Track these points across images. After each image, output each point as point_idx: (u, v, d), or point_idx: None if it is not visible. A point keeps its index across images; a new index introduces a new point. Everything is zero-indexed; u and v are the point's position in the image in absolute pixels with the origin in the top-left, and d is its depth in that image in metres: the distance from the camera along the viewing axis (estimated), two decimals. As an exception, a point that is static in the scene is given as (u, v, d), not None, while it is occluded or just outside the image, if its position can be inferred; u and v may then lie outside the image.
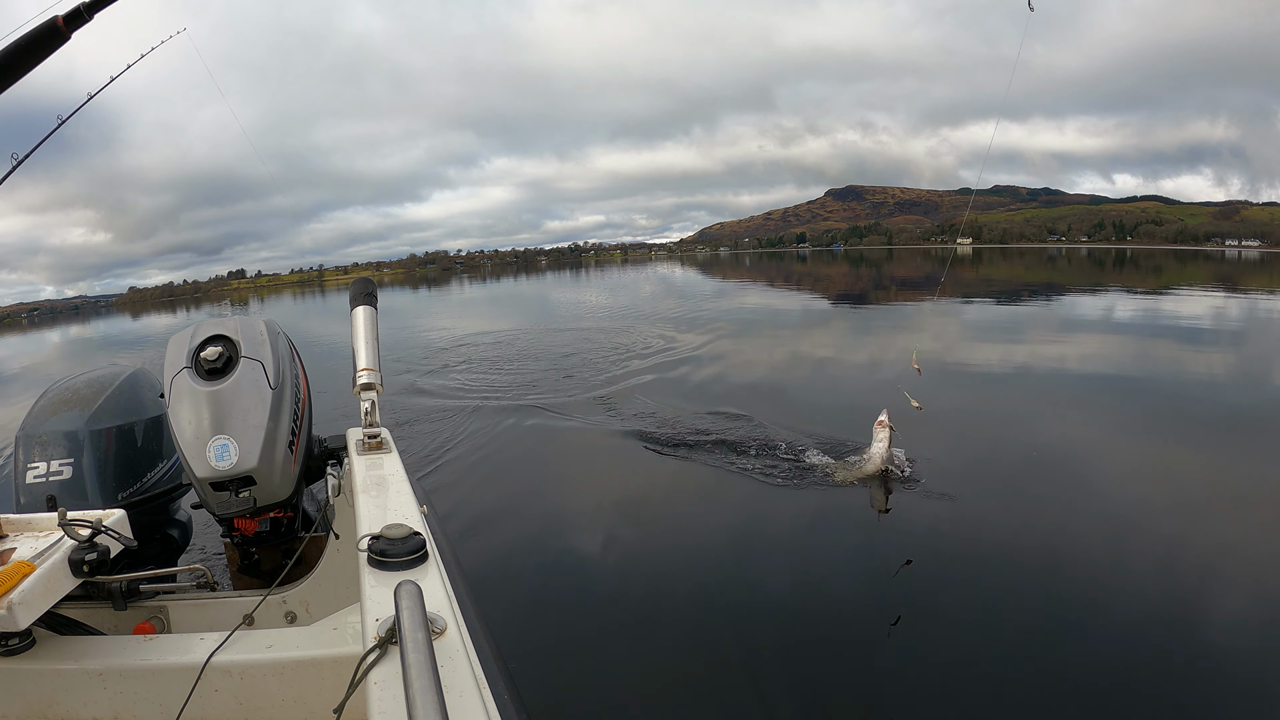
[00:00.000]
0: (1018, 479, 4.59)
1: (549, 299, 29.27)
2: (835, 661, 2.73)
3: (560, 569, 3.58)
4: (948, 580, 3.31)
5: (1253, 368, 8.57)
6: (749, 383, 8.13)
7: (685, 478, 4.79)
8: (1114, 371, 8.28)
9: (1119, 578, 3.21)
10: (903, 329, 13.70)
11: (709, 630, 2.94)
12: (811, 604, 3.13)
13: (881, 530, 3.90)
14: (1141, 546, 3.56)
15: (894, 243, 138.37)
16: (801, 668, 2.66)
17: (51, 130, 2.99)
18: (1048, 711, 2.39)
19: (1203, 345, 10.15)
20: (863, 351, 10.57)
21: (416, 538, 1.13)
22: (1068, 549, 3.53)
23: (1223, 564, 3.35)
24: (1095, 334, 11.71)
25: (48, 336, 43.19)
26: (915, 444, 4.66)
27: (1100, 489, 4.32)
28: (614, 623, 3.04)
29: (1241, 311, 15.61)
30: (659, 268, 74.19)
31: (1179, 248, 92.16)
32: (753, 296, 23.44)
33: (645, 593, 3.28)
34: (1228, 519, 3.82)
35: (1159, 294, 19.89)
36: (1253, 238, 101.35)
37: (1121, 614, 2.89)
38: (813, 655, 2.74)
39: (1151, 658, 2.64)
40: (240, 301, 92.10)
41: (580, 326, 14.96)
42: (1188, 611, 2.92)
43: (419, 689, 0.67)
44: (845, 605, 3.13)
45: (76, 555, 1.45)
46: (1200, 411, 6.26)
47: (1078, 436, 5.57)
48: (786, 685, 2.57)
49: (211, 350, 1.82)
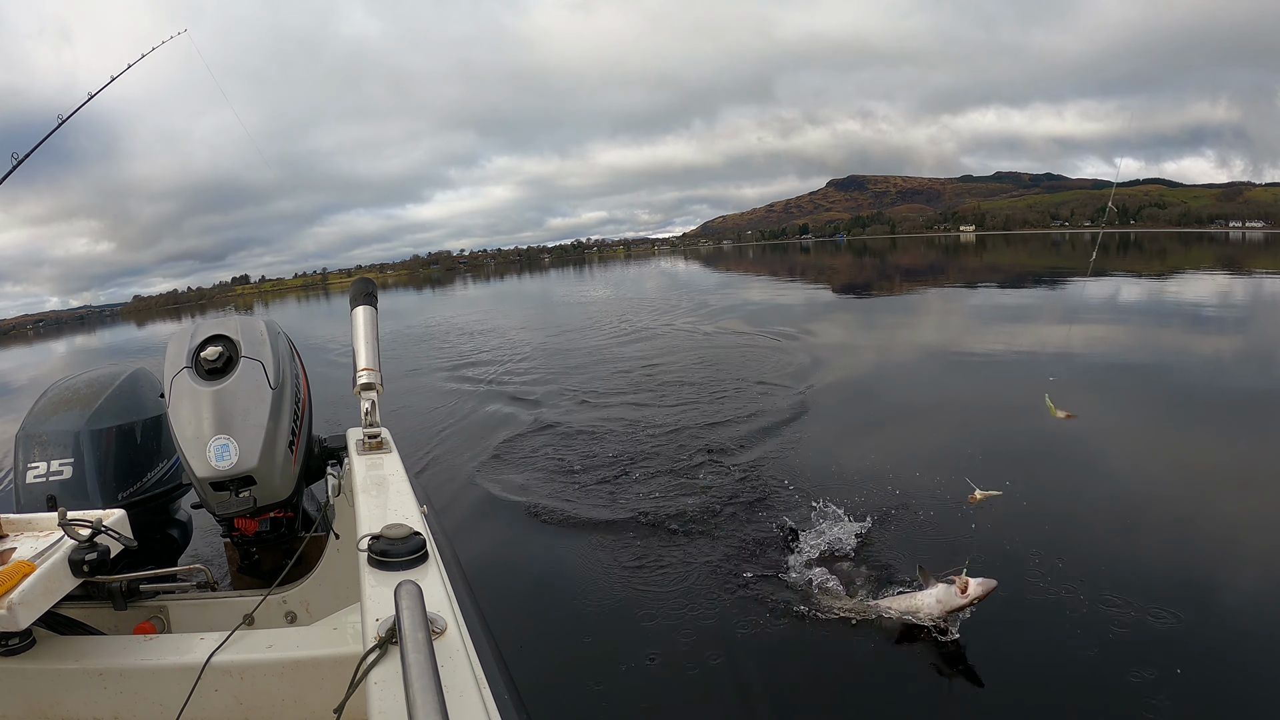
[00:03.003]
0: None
1: (551, 297, 29.17)
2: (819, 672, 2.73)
3: (561, 569, 3.58)
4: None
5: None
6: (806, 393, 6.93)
7: (686, 481, 4.79)
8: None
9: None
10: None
11: (709, 630, 2.94)
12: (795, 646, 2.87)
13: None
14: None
15: (897, 231, 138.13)
16: (788, 675, 2.66)
17: (53, 129, 3.00)
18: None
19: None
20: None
21: (416, 538, 1.13)
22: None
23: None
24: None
25: (53, 347, 43.12)
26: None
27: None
28: (615, 623, 3.04)
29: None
30: (662, 262, 73.93)
31: (1183, 230, 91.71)
32: (757, 291, 22.84)
33: (645, 592, 3.28)
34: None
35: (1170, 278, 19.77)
36: (1257, 219, 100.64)
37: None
38: (799, 666, 2.73)
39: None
40: (245, 307, 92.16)
41: (591, 324, 14.87)
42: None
43: (419, 689, 0.67)
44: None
45: (76, 555, 1.45)
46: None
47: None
48: (783, 685, 2.58)
49: (212, 350, 1.82)
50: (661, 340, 11.55)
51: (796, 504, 4.05)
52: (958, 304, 16.43)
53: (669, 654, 2.78)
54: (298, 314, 42.50)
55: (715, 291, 22.87)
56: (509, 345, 12.57)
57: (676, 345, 10.87)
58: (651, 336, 12.10)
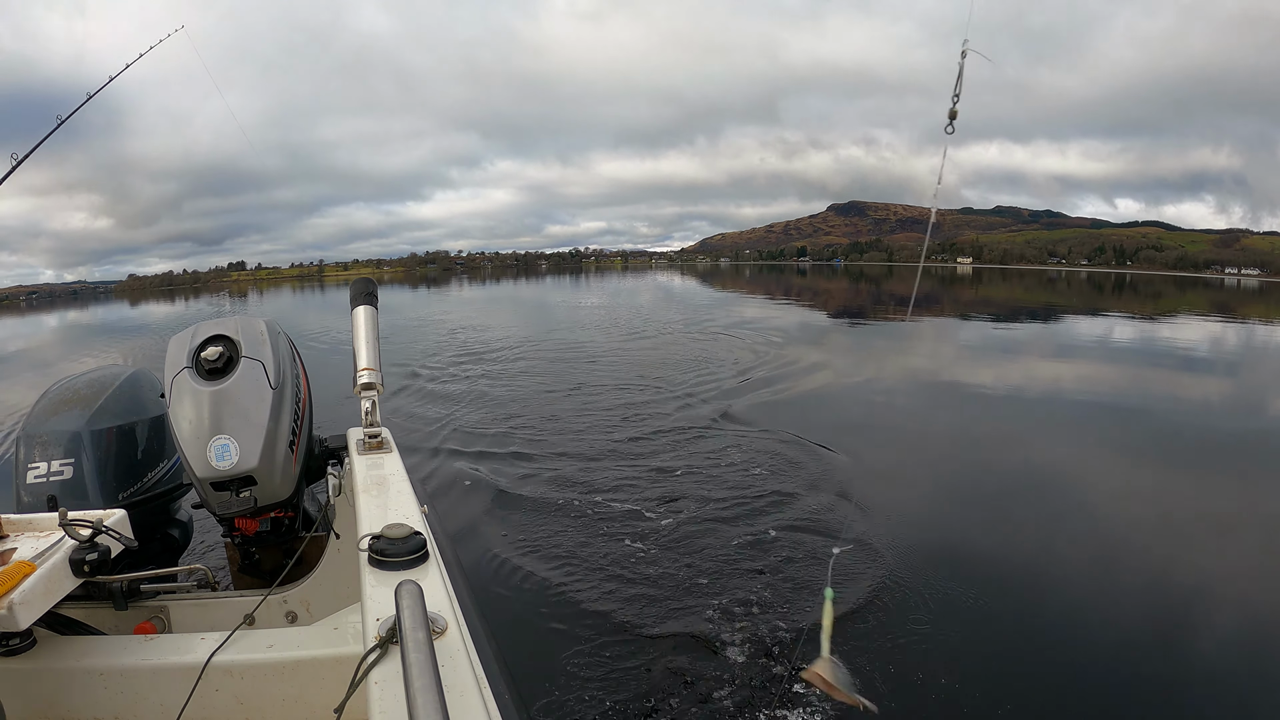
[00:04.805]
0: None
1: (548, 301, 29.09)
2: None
3: (561, 568, 3.58)
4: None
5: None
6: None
7: (684, 486, 4.79)
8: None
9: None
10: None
11: (710, 629, 2.94)
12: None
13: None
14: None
15: (894, 260, 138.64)
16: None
17: (50, 131, 3.00)
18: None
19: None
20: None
21: (417, 537, 1.13)
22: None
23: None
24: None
25: (45, 320, 43.08)
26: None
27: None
28: (615, 623, 3.04)
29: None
30: (659, 276, 73.89)
31: (1179, 274, 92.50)
32: (755, 309, 22.63)
33: (646, 593, 3.28)
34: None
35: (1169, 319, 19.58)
36: (1252, 266, 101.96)
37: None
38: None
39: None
40: (239, 293, 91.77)
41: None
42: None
43: (419, 688, 0.67)
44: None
45: (77, 555, 1.45)
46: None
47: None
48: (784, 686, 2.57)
49: (212, 350, 1.82)
50: (662, 341, 11.55)
51: (821, 514, 4.05)
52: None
53: (669, 654, 2.79)
54: (293, 304, 42.38)
55: (716, 308, 22.78)
56: (509, 346, 12.57)
57: (677, 343, 10.89)
58: (652, 343, 12.12)
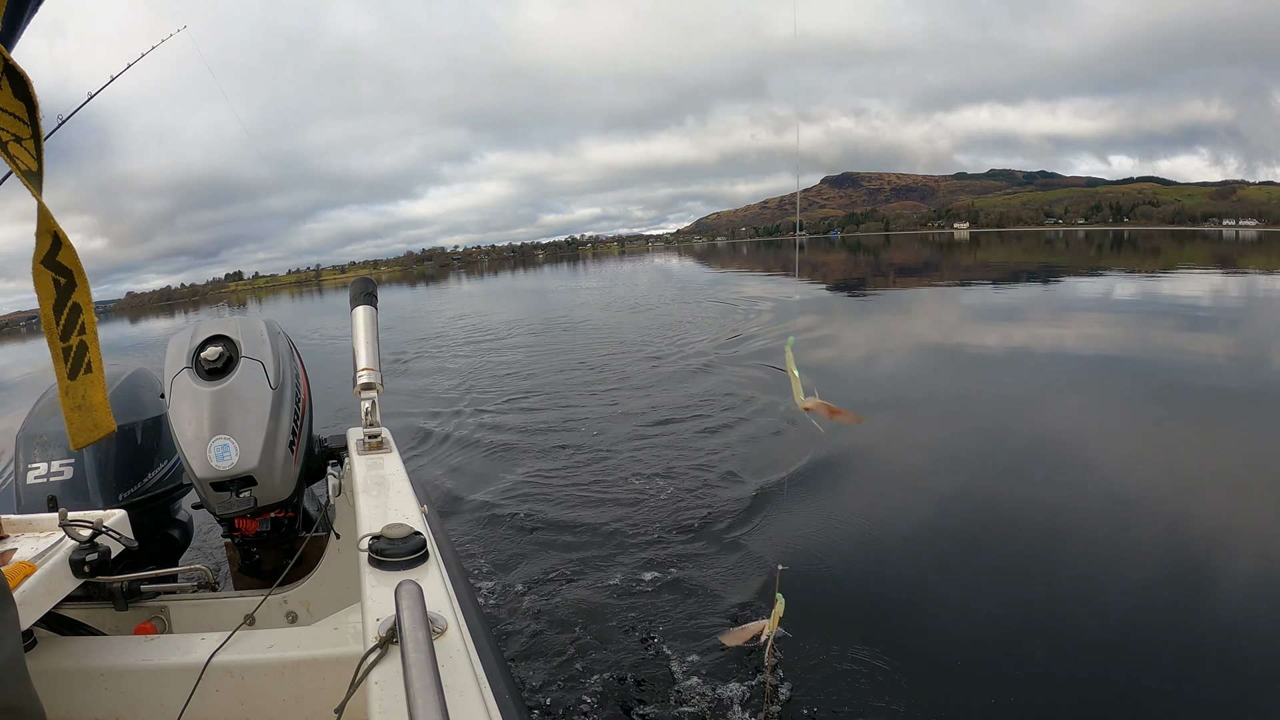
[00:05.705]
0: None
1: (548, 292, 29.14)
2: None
3: (561, 568, 3.58)
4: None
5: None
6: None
7: (684, 485, 4.79)
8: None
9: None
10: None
11: (710, 629, 2.94)
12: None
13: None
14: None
15: (891, 228, 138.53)
16: (790, 674, 2.66)
17: (53, 129, 3.00)
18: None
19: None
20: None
21: (417, 537, 1.13)
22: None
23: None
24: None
25: (46, 345, 42.95)
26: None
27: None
28: (615, 623, 3.04)
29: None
30: (657, 259, 73.99)
31: (1177, 228, 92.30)
32: (754, 286, 22.75)
33: (647, 592, 3.28)
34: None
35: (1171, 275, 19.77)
36: (1250, 217, 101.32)
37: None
38: (798, 667, 2.74)
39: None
40: (238, 304, 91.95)
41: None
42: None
43: (420, 689, 0.67)
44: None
45: (77, 556, 1.45)
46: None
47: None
48: (787, 688, 2.58)
49: (212, 350, 1.82)
50: (663, 335, 11.55)
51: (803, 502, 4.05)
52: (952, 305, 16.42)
53: (669, 654, 2.79)
54: (292, 310, 42.39)
55: (711, 287, 22.75)
56: (508, 341, 12.57)
57: (675, 348, 10.88)
58: (652, 337, 12.12)
